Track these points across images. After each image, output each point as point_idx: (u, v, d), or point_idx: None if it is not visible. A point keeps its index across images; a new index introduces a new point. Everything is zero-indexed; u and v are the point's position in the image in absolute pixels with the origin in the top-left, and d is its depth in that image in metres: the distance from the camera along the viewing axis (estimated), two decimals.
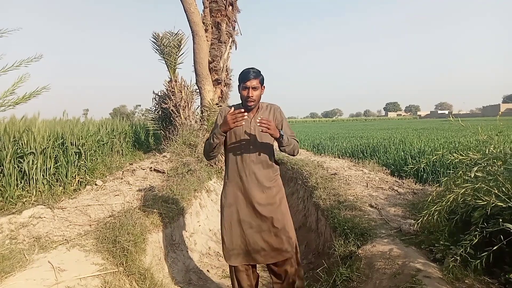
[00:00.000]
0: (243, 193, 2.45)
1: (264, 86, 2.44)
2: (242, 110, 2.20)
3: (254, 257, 2.45)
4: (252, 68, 2.39)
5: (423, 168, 5.97)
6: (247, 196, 2.44)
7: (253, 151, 2.44)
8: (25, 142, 4.44)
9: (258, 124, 2.20)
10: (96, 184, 4.74)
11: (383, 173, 6.06)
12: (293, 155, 2.57)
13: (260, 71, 2.41)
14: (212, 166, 7.27)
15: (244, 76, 2.35)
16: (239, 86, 2.42)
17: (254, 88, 2.35)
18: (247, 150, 2.44)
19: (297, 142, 2.56)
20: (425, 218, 2.39)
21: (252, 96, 2.35)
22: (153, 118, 9.58)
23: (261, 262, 2.49)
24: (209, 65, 8.17)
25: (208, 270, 3.79)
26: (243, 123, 2.26)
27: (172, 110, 8.31)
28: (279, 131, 2.33)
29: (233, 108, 2.33)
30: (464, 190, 2.19)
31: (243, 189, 2.45)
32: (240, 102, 2.49)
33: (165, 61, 8.71)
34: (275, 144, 2.56)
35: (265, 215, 2.42)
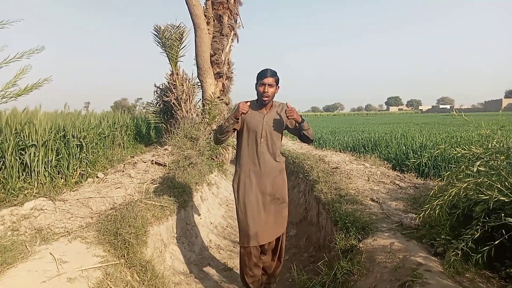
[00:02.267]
0: (254, 180, 2.77)
1: (278, 86, 2.73)
2: (248, 103, 2.68)
3: (266, 236, 2.79)
4: (269, 68, 2.68)
5: (424, 162, 5.96)
6: (258, 183, 2.77)
7: (264, 144, 2.76)
8: (27, 134, 4.44)
9: (288, 114, 2.61)
10: (97, 177, 4.74)
11: (385, 167, 6.04)
12: (311, 141, 2.90)
13: (276, 72, 2.70)
14: (213, 159, 7.28)
15: (262, 73, 2.65)
16: (256, 83, 2.70)
17: (270, 85, 2.65)
18: (259, 142, 2.75)
19: None
20: (426, 212, 2.39)
21: (267, 92, 2.64)
22: (154, 111, 9.55)
23: (271, 239, 2.86)
24: (210, 58, 8.14)
25: (209, 263, 3.81)
26: (249, 113, 2.67)
27: (173, 103, 8.28)
28: (301, 116, 2.66)
29: (249, 102, 2.76)
30: (466, 184, 2.18)
31: (254, 176, 2.77)
32: (256, 98, 2.81)
33: (166, 54, 8.66)
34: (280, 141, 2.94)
35: (273, 199, 2.81)
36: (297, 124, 2.73)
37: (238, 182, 2.83)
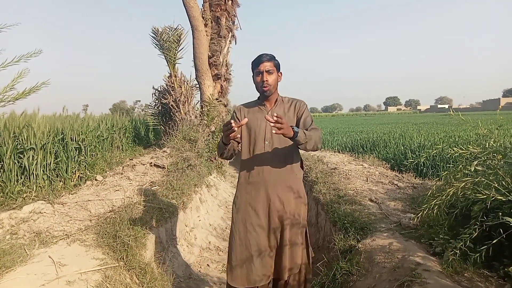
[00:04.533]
0: (255, 197, 2.14)
1: (281, 73, 2.20)
2: (231, 122, 1.81)
3: (259, 277, 2.11)
4: (264, 53, 2.14)
5: (422, 162, 5.98)
6: (259, 202, 2.14)
7: (269, 148, 2.14)
8: (25, 137, 4.43)
9: (272, 125, 1.76)
10: (96, 180, 4.74)
11: (383, 167, 6.06)
12: (317, 150, 2.13)
13: (274, 56, 2.15)
14: (212, 161, 7.28)
15: (256, 60, 2.11)
16: (253, 76, 2.17)
17: (269, 72, 2.10)
18: (262, 147, 2.14)
19: (318, 130, 2.14)
20: (424, 212, 2.39)
21: (267, 81, 2.09)
22: (153, 113, 9.56)
23: (281, 276, 2.17)
24: (208, 60, 8.14)
25: (208, 265, 3.81)
26: (236, 130, 1.84)
27: (172, 105, 8.29)
28: (293, 128, 1.86)
29: (245, 109, 2.25)
30: (464, 184, 2.19)
31: (255, 192, 2.14)
32: (255, 99, 2.29)
33: (164, 56, 8.67)
34: None
35: (282, 220, 2.13)
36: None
37: (235, 202, 2.24)
